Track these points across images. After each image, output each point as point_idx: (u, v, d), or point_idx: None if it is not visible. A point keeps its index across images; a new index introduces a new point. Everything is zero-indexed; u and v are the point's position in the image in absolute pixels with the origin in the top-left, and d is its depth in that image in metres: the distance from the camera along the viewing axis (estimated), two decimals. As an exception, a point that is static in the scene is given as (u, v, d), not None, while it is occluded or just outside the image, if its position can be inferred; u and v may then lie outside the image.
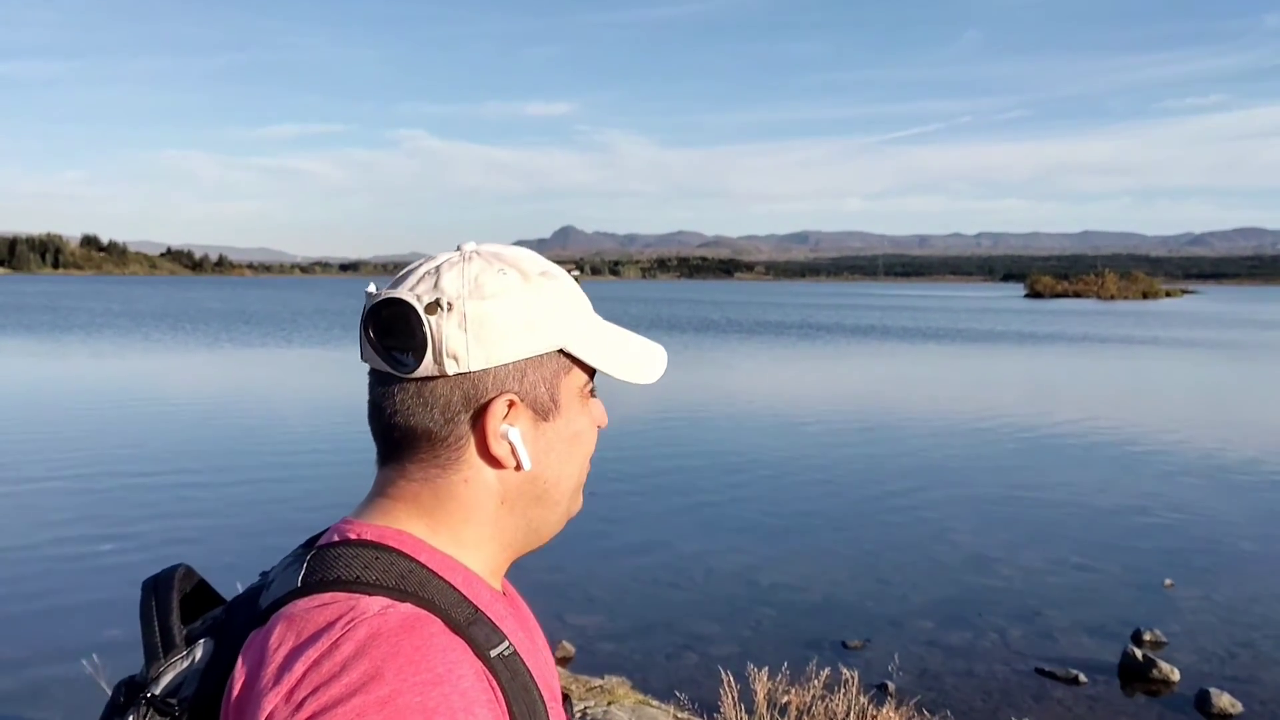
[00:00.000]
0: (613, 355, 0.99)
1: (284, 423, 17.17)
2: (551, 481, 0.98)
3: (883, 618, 7.93)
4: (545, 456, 0.96)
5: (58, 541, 9.44)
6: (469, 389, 0.92)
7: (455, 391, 0.92)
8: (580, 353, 0.96)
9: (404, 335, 0.92)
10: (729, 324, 56.71)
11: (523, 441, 0.94)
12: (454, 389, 0.92)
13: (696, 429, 16.99)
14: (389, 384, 0.93)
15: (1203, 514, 11.47)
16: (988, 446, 15.92)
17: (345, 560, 0.88)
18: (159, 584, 0.96)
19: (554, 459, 0.97)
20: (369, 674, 0.76)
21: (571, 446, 0.98)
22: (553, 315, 0.95)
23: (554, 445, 0.96)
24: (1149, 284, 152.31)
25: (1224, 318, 77.53)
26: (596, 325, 1.00)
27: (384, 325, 0.93)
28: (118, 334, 39.43)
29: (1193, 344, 43.40)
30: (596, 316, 1.02)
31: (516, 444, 0.93)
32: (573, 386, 0.97)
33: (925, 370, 30.33)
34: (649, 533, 9.98)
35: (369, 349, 0.93)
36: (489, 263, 0.95)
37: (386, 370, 0.92)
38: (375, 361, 0.93)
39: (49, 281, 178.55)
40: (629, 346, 1.02)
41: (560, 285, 0.97)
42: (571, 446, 0.98)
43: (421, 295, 0.92)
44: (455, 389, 0.92)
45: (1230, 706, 6.36)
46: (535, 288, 0.95)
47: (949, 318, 68.65)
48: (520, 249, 1.00)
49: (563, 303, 0.96)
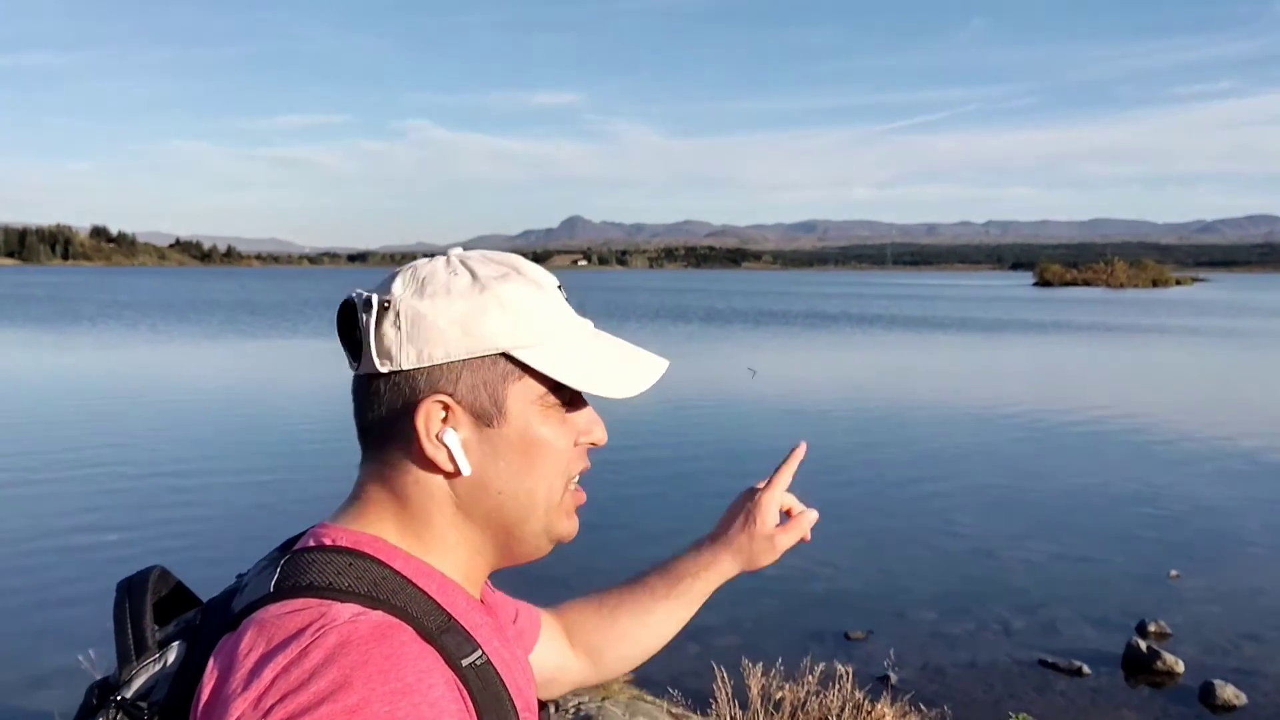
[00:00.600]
0: (569, 364, 0.94)
1: (291, 416, 17.20)
2: (507, 493, 0.94)
3: (885, 609, 7.93)
4: (492, 465, 0.93)
5: (57, 534, 9.49)
6: (406, 388, 0.92)
7: (394, 390, 0.92)
8: (527, 358, 0.92)
9: (348, 332, 0.94)
10: (734, 314, 56.63)
11: (463, 447, 0.92)
12: (393, 387, 0.92)
13: (699, 418, 16.98)
14: (355, 378, 0.96)
15: (1209, 504, 11.44)
16: (993, 436, 15.89)
17: (318, 566, 0.87)
18: (133, 586, 0.95)
19: (504, 469, 0.93)
20: (337, 682, 0.75)
21: (528, 458, 0.94)
22: (495, 318, 0.91)
23: (502, 454, 0.93)
24: (1159, 272, 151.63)
25: (1234, 306, 77.19)
26: (564, 332, 0.95)
27: (340, 323, 0.95)
28: (124, 326, 39.57)
29: (1202, 332, 43.22)
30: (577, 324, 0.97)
31: (453, 448, 0.92)
32: (525, 394, 0.93)
33: (931, 360, 30.26)
34: (650, 523, 9.98)
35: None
36: (449, 264, 0.95)
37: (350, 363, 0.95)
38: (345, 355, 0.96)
39: (58, 273, 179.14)
40: (603, 358, 0.97)
41: (517, 289, 0.93)
42: (528, 458, 0.94)
43: (373, 295, 0.94)
44: (394, 388, 0.92)
45: (1235, 698, 6.34)
46: (480, 288, 0.92)
47: (956, 307, 68.47)
48: (509, 255, 0.99)
49: (514, 305, 0.92)
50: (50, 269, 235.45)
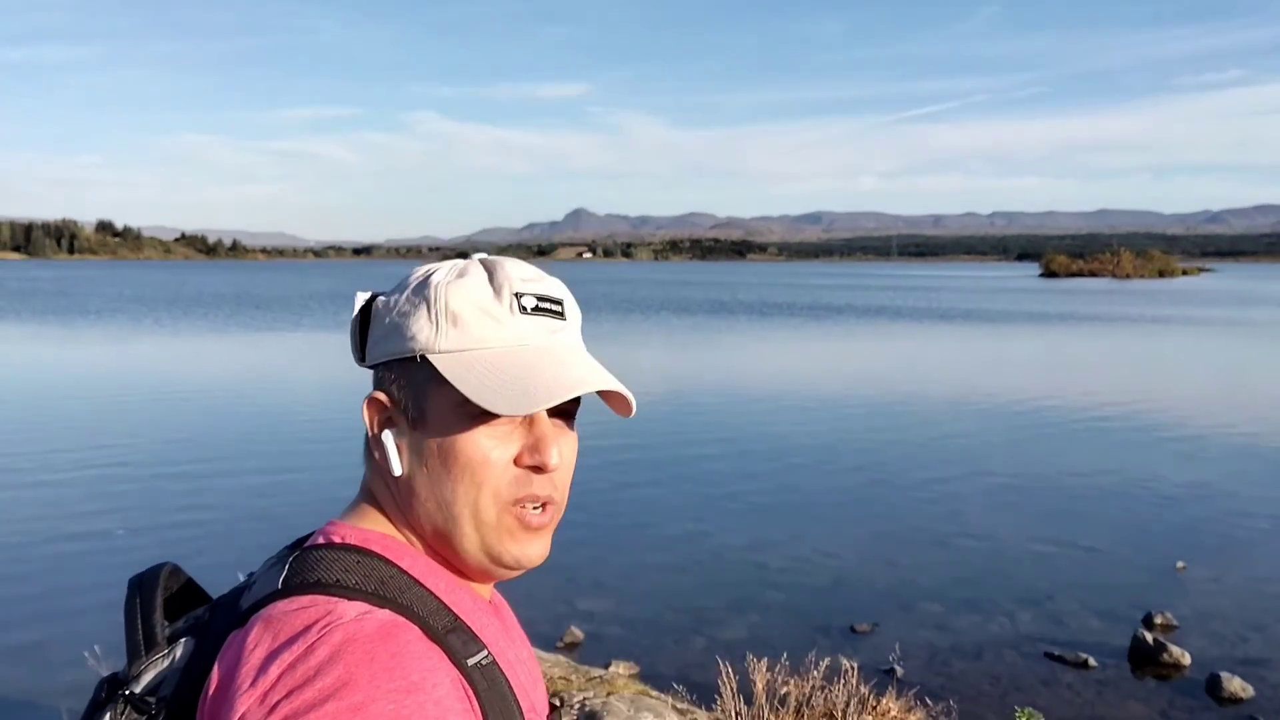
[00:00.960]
0: (470, 374, 0.89)
1: (303, 413, 17.22)
2: (432, 502, 0.91)
3: (891, 602, 7.93)
4: (418, 469, 0.92)
5: (67, 531, 9.51)
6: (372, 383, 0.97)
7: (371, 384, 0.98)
8: (437, 364, 0.90)
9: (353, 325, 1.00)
10: (739, 306, 56.58)
11: (397, 448, 0.93)
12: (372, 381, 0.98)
13: (707, 413, 16.99)
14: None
15: (1215, 496, 11.42)
16: (998, 428, 15.87)
17: (326, 563, 0.88)
18: (144, 582, 0.96)
19: (426, 474, 0.91)
20: (342, 680, 0.76)
21: (446, 467, 0.90)
22: (419, 320, 0.91)
23: (425, 459, 0.91)
24: (1166, 262, 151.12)
25: (1241, 296, 76.93)
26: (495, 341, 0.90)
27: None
28: (131, 321, 39.63)
29: (1208, 323, 43.10)
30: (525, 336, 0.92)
31: (387, 446, 0.92)
32: (445, 400, 0.90)
33: (936, 352, 30.21)
34: (657, 518, 9.99)
35: None
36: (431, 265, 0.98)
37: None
38: None
39: (64, 267, 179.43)
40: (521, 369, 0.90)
41: (459, 292, 0.91)
42: (446, 467, 0.90)
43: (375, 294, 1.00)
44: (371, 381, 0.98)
45: (1241, 690, 6.33)
46: (420, 289, 0.93)
47: (962, 298, 68.33)
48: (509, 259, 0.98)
49: (442, 309, 0.90)
50: (56, 263, 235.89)
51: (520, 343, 0.91)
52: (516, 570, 0.94)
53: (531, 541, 0.93)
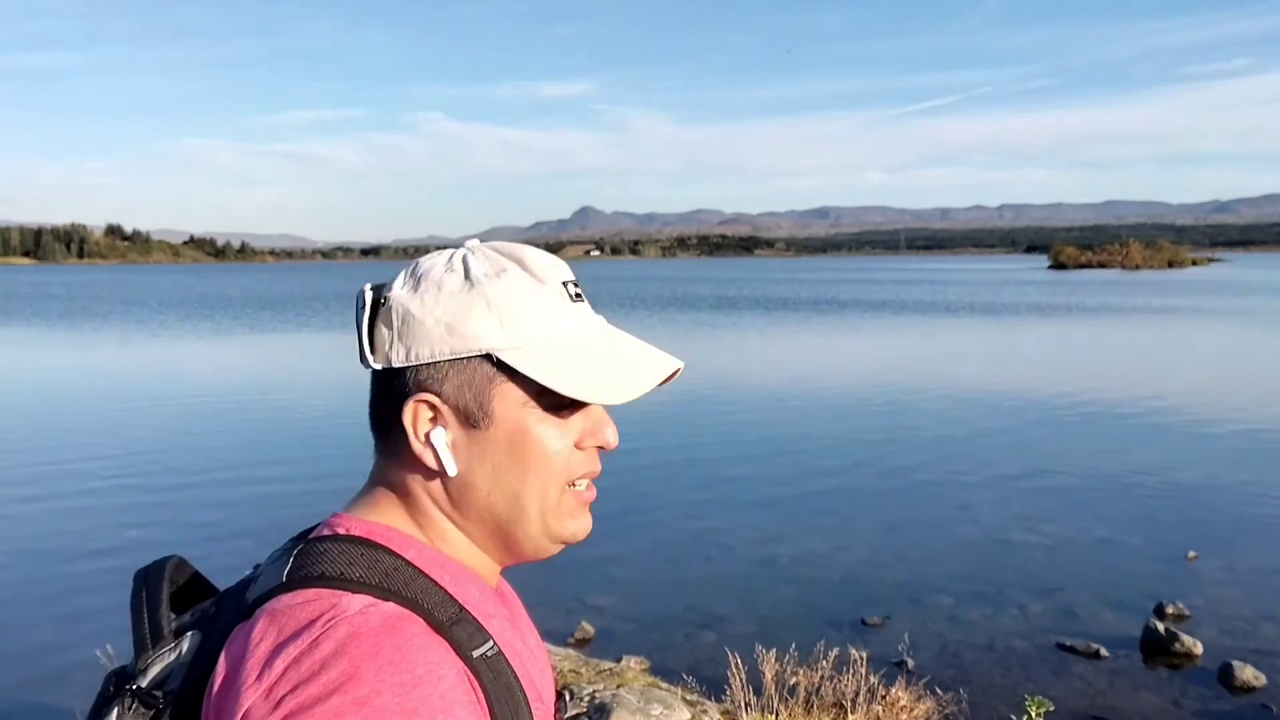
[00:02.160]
0: (554, 367, 0.90)
1: (306, 408, 17.26)
2: (496, 495, 0.92)
3: (902, 594, 7.92)
4: (479, 467, 0.92)
5: (76, 528, 9.56)
6: (399, 385, 0.91)
7: (391, 386, 0.92)
8: (512, 360, 0.89)
9: (358, 325, 0.94)
10: (746, 301, 56.51)
11: (450, 448, 0.91)
12: (390, 384, 0.92)
13: (715, 407, 16.97)
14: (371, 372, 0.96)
15: (1226, 485, 11.37)
16: (1008, 420, 15.82)
17: (331, 556, 0.88)
18: (150, 575, 0.96)
19: (491, 470, 0.91)
20: (347, 673, 0.76)
21: (517, 460, 0.91)
22: (479, 318, 0.89)
23: (490, 455, 0.91)
24: (1175, 253, 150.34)
25: (1251, 285, 76.52)
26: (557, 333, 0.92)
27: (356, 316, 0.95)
28: (139, 323, 39.78)
29: (1218, 313, 42.89)
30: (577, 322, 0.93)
31: (439, 448, 0.91)
32: (513, 396, 0.90)
33: (945, 344, 30.15)
34: (667, 512, 9.98)
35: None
36: (450, 259, 0.94)
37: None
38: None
39: (73, 271, 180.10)
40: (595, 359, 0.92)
41: (508, 287, 0.91)
42: (517, 460, 0.91)
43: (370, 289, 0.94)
44: (390, 384, 0.92)
45: (1254, 679, 6.31)
46: (470, 287, 0.90)
47: (970, 291, 68.12)
48: (521, 247, 0.96)
49: (502, 305, 0.90)
50: (66, 268, 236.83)
51: (583, 330, 0.93)
52: (570, 545, 0.99)
53: (586, 515, 0.98)
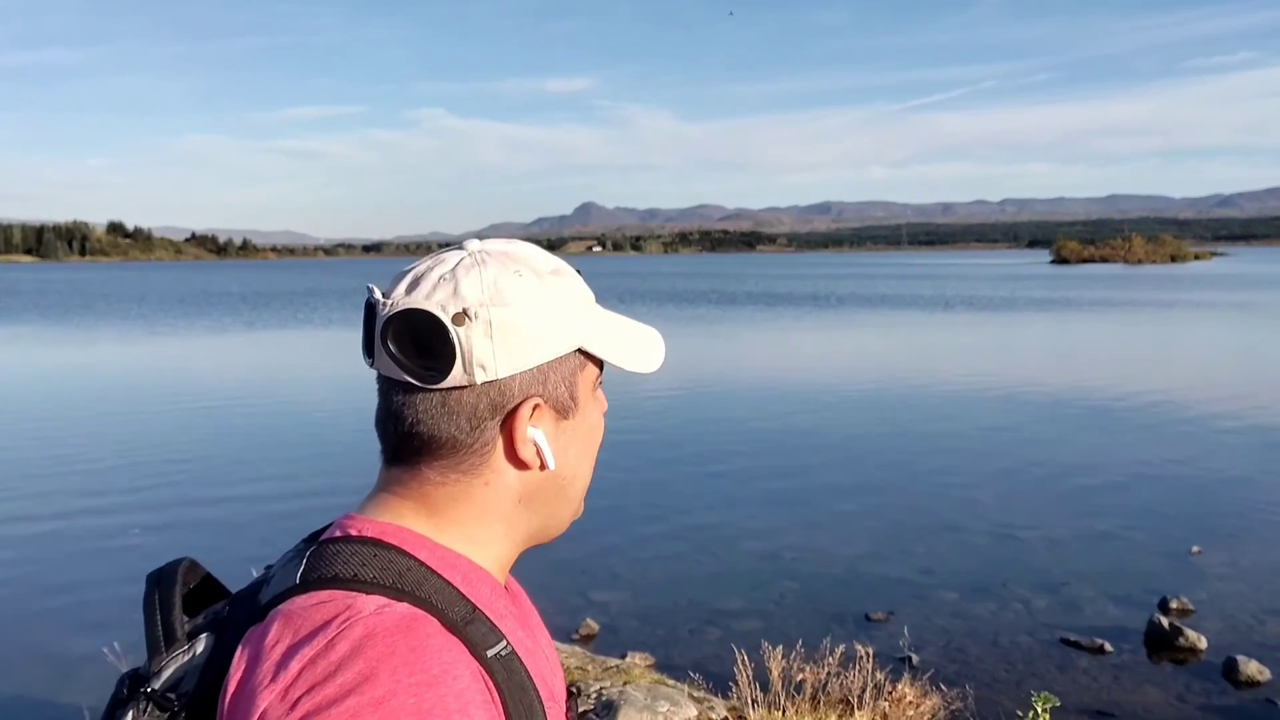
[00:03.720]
0: (622, 347, 1.00)
1: (316, 408, 17.29)
2: (569, 478, 0.98)
3: (906, 590, 7.93)
4: (565, 454, 0.97)
5: (84, 528, 9.58)
6: (495, 396, 0.91)
7: (482, 399, 0.91)
8: (595, 349, 0.96)
9: (430, 347, 0.90)
10: (747, 297, 56.52)
11: (547, 442, 0.94)
12: (480, 397, 0.91)
13: (718, 403, 16.98)
14: (410, 393, 0.91)
15: (1230, 480, 11.37)
16: (1012, 414, 15.82)
17: (344, 557, 0.88)
18: (162, 577, 0.96)
19: (573, 455, 0.98)
20: (364, 674, 0.76)
21: (588, 441, 0.99)
22: (568, 314, 0.95)
23: (574, 442, 0.97)
24: (1177, 247, 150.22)
25: (1254, 279, 76.46)
26: (602, 318, 1.00)
27: (408, 337, 0.90)
28: (145, 321, 39.81)
29: (1221, 307, 42.86)
30: (599, 307, 1.01)
31: (543, 446, 0.93)
32: (588, 382, 0.98)
33: (948, 339, 30.14)
34: (671, 509, 10.00)
35: (385, 358, 0.90)
36: (503, 265, 0.93)
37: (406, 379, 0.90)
38: (392, 370, 0.91)
39: (75, 269, 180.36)
40: (632, 335, 1.02)
41: (570, 282, 0.97)
42: (588, 441, 0.99)
43: (445, 305, 0.90)
44: (482, 397, 0.91)
45: (1258, 674, 6.32)
46: (550, 288, 0.94)
47: (973, 286, 68.10)
48: (526, 245, 0.99)
49: (575, 300, 0.96)
50: (68, 265, 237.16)
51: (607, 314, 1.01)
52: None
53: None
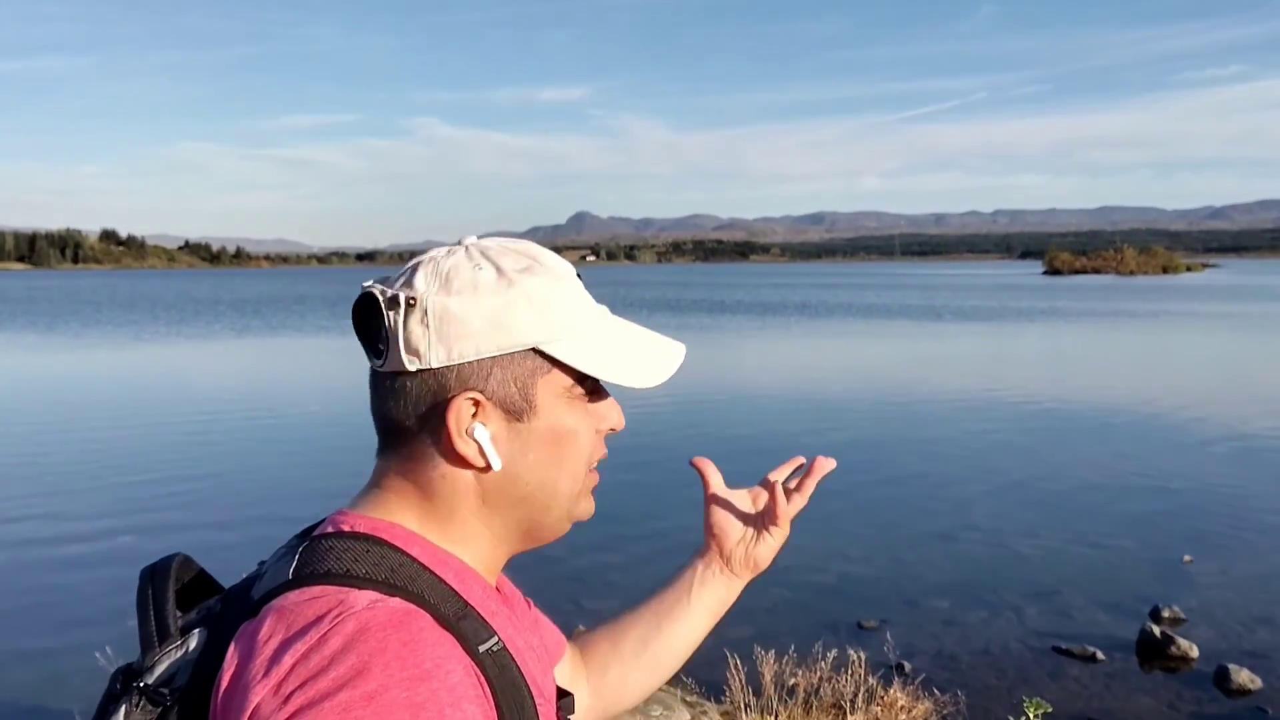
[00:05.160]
0: (598, 357, 0.95)
1: (307, 407, 17.24)
2: (534, 484, 0.95)
3: (898, 598, 7.93)
4: (522, 458, 0.94)
5: (75, 530, 9.55)
6: (435, 385, 0.91)
7: (422, 387, 0.92)
8: (557, 353, 0.93)
9: (372, 329, 0.93)
10: (740, 306, 56.58)
11: (493, 442, 0.92)
12: (421, 384, 0.92)
13: (710, 411, 16.97)
14: (373, 374, 0.95)
15: (1222, 489, 11.39)
16: (1004, 423, 15.85)
17: (336, 553, 0.88)
18: (156, 573, 0.96)
19: (533, 461, 0.94)
20: (356, 668, 0.76)
21: (556, 449, 0.95)
22: (524, 313, 0.91)
23: (532, 446, 0.94)
24: (1169, 258, 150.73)
25: (1245, 291, 76.75)
26: (588, 323, 0.95)
27: (358, 318, 0.94)
28: (136, 326, 39.70)
29: (1212, 317, 43.01)
30: (597, 313, 0.98)
31: (484, 444, 0.92)
32: (554, 387, 0.94)
33: (940, 349, 30.20)
34: (664, 515, 9.97)
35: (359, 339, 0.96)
36: (470, 257, 0.94)
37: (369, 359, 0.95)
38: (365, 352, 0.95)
39: (68, 276, 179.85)
40: (627, 347, 0.98)
41: (542, 281, 0.93)
42: (556, 449, 0.95)
43: (389, 290, 0.92)
44: (422, 385, 0.92)
45: (1249, 682, 6.33)
46: (508, 284, 0.92)
47: (965, 296, 68.25)
48: (526, 243, 0.98)
49: (541, 300, 0.92)
50: (60, 273, 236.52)
51: (604, 320, 0.98)
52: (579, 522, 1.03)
53: (591, 496, 1.03)
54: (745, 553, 1.29)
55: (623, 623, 1.29)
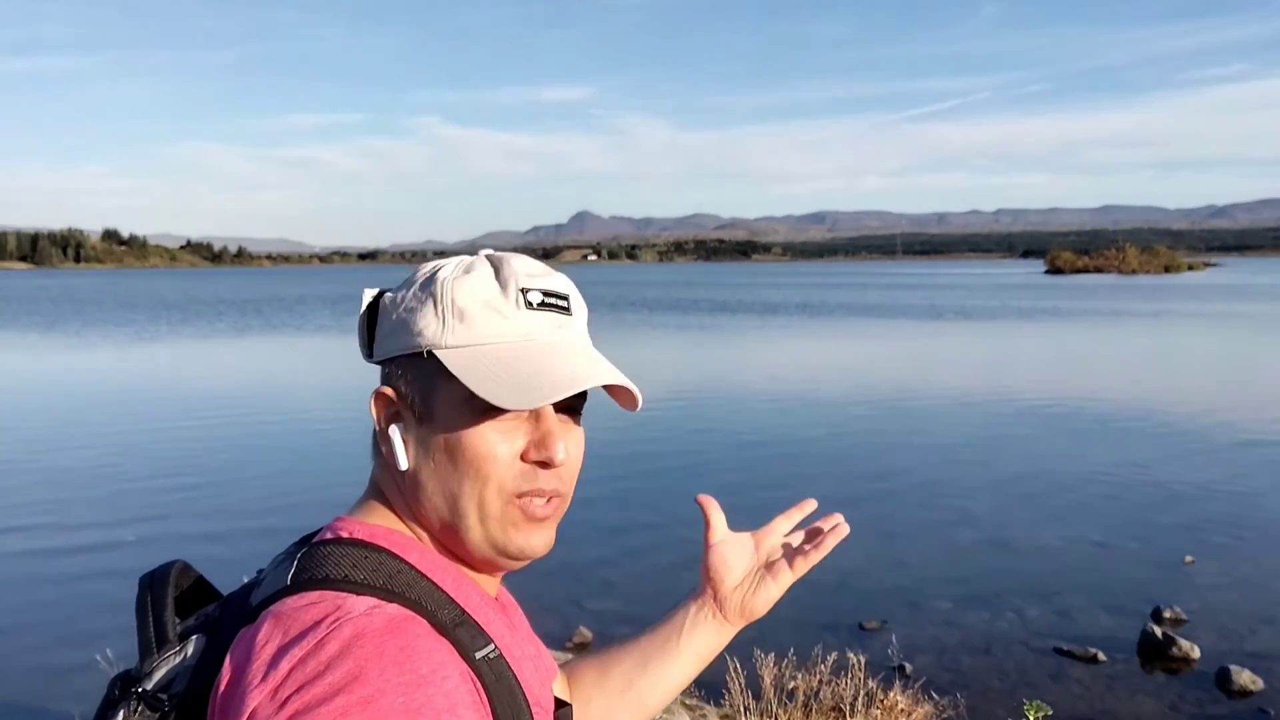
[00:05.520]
0: (479, 371, 0.90)
1: (309, 412, 17.24)
2: (438, 494, 0.93)
3: (899, 599, 7.92)
4: (425, 463, 0.93)
5: (76, 534, 9.54)
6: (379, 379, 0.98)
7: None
8: (444, 359, 0.91)
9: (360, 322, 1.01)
10: (741, 306, 56.55)
11: (403, 442, 0.94)
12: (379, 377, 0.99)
13: (713, 411, 16.98)
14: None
15: (1223, 490, 11.38)
16: (1005, 424, 15.83)
17: (335, 559, 0.89)
18: (154, 580, 0.97)
19: (434, 469, 0.93)
20: (352, 674, 0.77)
21: (453, 461, 0.92)
22: (426, 316, 0.92)
23: (431, 453, 0.93)
24: (1171, 258, 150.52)
25: (1247, 290, 76.64)
26: (498, 339, 0.91)
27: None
28: (137, 327, 39.72)
29: (1215, 317, 42.95)
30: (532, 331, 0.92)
31: (394, 441, 0.94)
32: (452, 395, 0.91)
33: (942, 349, 30.17)
34: (663, 516, 9.97)
35: None
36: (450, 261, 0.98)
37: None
38: None
39: (70, 276, 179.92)
40: (527, 367, 0.90)
41: (460, 289, 0.92)
42: (453, 461, 0.92)
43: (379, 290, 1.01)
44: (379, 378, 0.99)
45: (1251, 683, 6.32)
46: (426, 285, 0.94)
47: (966, 295, 68.19)
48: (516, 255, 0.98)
49: (450, 305, 0.91)
50: (62, 272, 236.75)
51: (526, 338, 0.92)
52: (522, 560, 0.96)
53: (535, 532, 0.95)
54: (741, 601, 1.22)
55: (611, 656, 1.24)
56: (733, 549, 1.23)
